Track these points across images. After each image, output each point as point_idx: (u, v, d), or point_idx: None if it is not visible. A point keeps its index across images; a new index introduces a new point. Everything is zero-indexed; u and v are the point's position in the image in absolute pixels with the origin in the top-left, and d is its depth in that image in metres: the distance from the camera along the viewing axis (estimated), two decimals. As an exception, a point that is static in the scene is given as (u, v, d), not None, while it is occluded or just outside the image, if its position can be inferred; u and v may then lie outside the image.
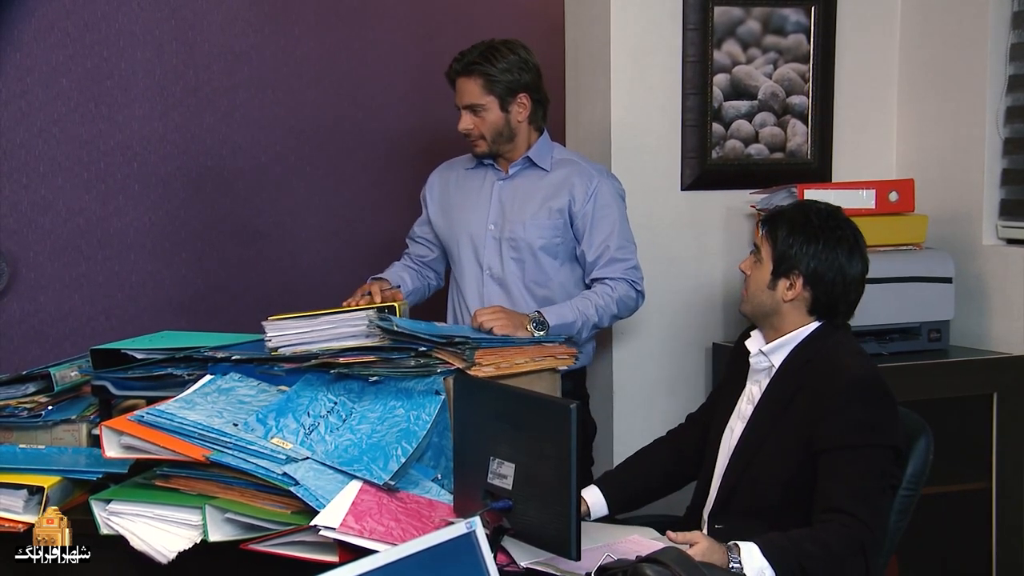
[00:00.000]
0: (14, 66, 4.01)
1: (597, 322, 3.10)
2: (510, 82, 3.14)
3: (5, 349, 4.06)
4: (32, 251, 4.10)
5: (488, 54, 3.14)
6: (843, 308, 2.48)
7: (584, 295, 3.13)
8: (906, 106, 3.93)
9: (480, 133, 3.18)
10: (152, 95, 4.21)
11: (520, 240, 3.19)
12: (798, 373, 2.43)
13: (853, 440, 2.28)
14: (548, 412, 2.02)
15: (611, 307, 3.12)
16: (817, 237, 2.44)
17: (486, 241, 3.24)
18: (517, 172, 3.25)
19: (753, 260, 2.54)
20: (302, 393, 2.43)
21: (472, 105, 3.16)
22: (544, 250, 3.18)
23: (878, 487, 2.27)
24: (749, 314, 2.57)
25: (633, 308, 3.22)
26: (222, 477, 2.20)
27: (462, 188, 3.35)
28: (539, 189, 3.21)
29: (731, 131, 3.79)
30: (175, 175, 4.24)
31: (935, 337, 3.51)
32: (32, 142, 4.06)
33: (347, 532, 2.02)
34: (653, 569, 1.88)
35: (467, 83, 3.16)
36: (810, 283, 2.44)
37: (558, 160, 3.25)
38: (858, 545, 2.19)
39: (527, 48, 3.21)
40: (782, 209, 2.56)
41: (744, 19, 3.75)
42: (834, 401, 2.32)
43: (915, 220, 3.60)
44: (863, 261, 2.47)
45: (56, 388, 2.60)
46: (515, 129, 3.19)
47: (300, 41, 4.33)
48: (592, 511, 2.60)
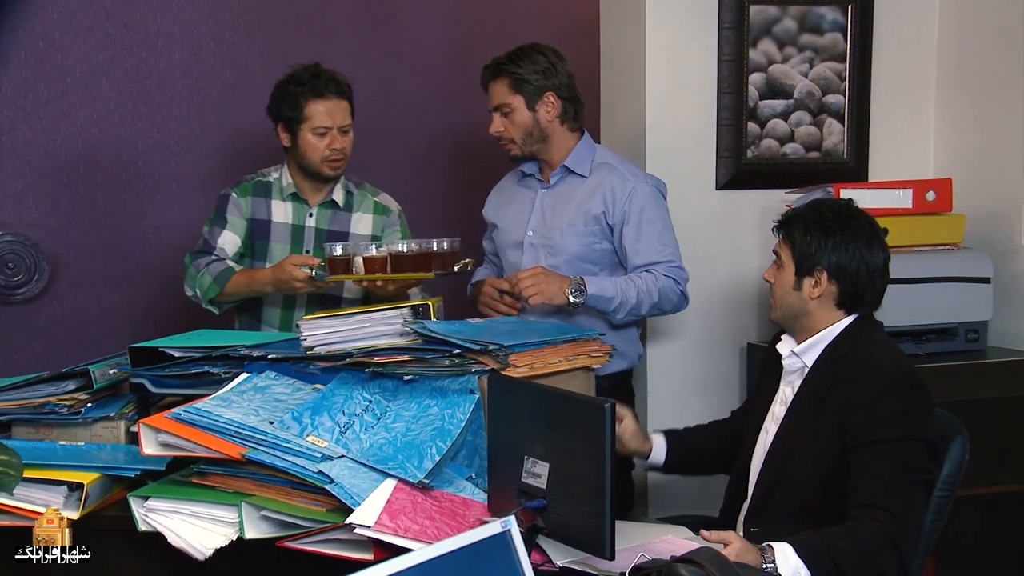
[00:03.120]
0: (55, 67, 4.06)
1: (635, 305, 3.09)
2: (536, 82, 3.17)
3: (45, 347, 4.11)
4: (72, 250, 4.15)
5: (515, 56, 3.20)
6: (870, 297, 2.48)
7: (629, 276, 3.13)
8: (944, 105, 3.90)
9: (511, 136, 3.21)
10: (190, 95, 4.25)
11: (558, 247, 3.20)
12: (831, 370, 2.42)
13: (885, 434, 2.27)
14: (583, 411, 2.02)
15: (653, 294, 3.11)
16: (833, 231, 2.45)
17: (525, 248, 3.27)
18: (558, 181, 3.27)
19: (776, 267, 2.54)
20: (337, 391, 2.44)
21: (500, 106, 3.20)
22: (581, 257, 3.19)
23: (910, 481, 2.26)
24: (780, 320, 2.57)
25: (676, 305, 3.20)
26: (258, 475, 2.22)
27: (511, 201, 3.39)
28: (576, 196, 3.22)
29: (767, 130, 3.77)
30: (212, 174, 4.27)
31: (972, 338, 3.48)
32: (72, 142, 4.11)
33: (382, 530, 2.03)
34: (688, 569, 1.87)
35: (495, 85, 3.21)
36: (834, 277, 2.45)
37: (597, 164, 3.24)
38: (890, 540, 2.18)
39: (558, 52, 3.24)
40: (795, 211, 2.57)
41: (780, 18, 3.73)
42: (867, 395, 2.32)
43: (952, 220, 3.57)
44: (883, 249, 2.48)
45: (95, 385, 2.62)
46: (546, 129, 3.20)
47: (335, 42, 4.35)
48: (653, 455, 2.68)
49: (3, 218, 4.06)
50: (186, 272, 3.32)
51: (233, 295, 3.28)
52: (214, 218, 3.37)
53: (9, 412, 2.58)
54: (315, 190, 3.37)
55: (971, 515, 3.24)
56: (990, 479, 3.34)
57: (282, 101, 3.28)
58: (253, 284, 3.22)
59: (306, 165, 3.30)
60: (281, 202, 3.37)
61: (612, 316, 3.11)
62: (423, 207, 4.45)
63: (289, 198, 3.37)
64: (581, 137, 3.27)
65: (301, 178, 3.36)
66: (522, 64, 3.17)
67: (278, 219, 3.37)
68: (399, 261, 2.97)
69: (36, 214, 4.09)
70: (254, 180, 3.40)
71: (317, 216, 3.37)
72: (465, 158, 4.53)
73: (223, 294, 3.26)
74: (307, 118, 3.25)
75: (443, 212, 4.42)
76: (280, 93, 3.30)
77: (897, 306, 3.32)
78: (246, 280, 3.24)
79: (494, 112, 3.23)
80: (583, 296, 3.02)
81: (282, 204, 3.37)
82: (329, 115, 3.25)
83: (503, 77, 3.19)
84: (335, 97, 3.27)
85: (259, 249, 3.37)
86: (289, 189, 3.37)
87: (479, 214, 3.52)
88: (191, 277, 3.29)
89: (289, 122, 3.27)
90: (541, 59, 3.18)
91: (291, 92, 3.27)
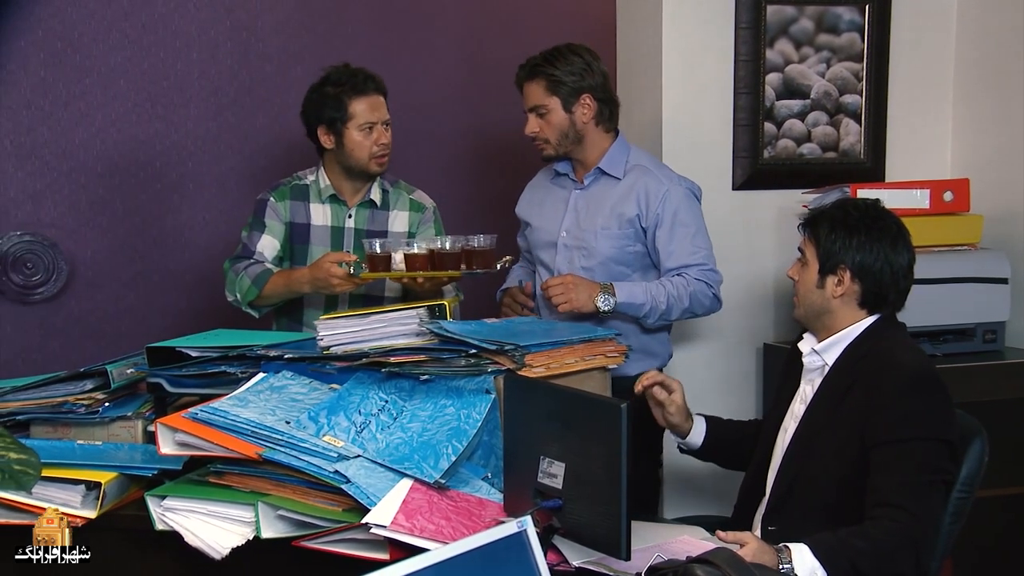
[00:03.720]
0: (73, 67, 4.08)
1: (665, 311, 3.09)
2: (573, 83, 3.14)
3: (63, 346, 4.13)
4: (90, 250, 4.16)
5: (551, 57, 3.16)
6: (893, 298, 2.47)
7: (660, 281, 3.12)
8: (961, 105, 3.89)
9: (546, 136, 3.19)
10: (207, 96, 4.26)
11: (591, 249, 3.19)
12: (852, 369, 2.42)
13: (903, 433, 2.26)
14: (598, 411, 2.02)
15: (683, 299, 3.10)
16: (859, 230, 2.44)
17: (559, 249, 3.27)
18: (592, 182, 3.25)
19: (800, 265, 2.54)
20: (353, 391, 2.45)
21: (536, 107, 3.17)
22: (615, 259, 3.18)
23: (929, 481, 2.25)
24: (802, 318, 2.56)
25: (708, 308, 3.19)
26: (274, 474, 2.22)
27: (545, 200, 3.38)
28: (610, 198, 3.20)
29: (783, 130, 3.76)
30: (229, 175, 4.28)
31: (990, 338, 3.47)
32: (90, 142, 4.12)
33: (398, 530, 2.03)
34: (704, 570, 1.87)
35: (531, 86, 3.18)
36: (858, 276, 2.44)
37: (632, 166, 3.22)
38: (908, 539, 2.17)
39: (593, 52, 3.21)
40: (821, 209, 2.56)
41: (797, 18, 3.73)
42: (886, 395, 2.31)
43: (970, 220, 3.56)
44: (908, 250, 2.47)
45: (113, 385, 2.63)
46: (581, 131, 3.19)
47: (352, 42, 4.35)
48: (692, 435, 2.67)
49: (22, 218, 4.08)
50: (226, 277, 3.32)
51: (272, 297, 3.28)
52: (252, 223, 3.37)
53: (27, 411, 2.59)
54: (355, 190, 3.38)
55: (990, 516, 3.23)
56: (1009, 480, 3.33)
57: (322, 103, 3.28)
58: (291, 284, 3.22)
59: (353, 164, 3.30)
60: (320, 204, 3.38)
61: (643, 321, 3.11)
62: (449, 206, 4.46)
63: (328, 200, 3.37)
64: (615, 138, 3.26)
65: (342, 179, 3.36)
66: (558, 65, 3.14)
67: (317, 222, 3.37)
68: (440, 258, 2.97)
69: (54, 214, 4.11)
70: (291, 184, 3.40)
71: (356, 217, 3.38)
72: (488, 156, 4.52)
73: (262, 296, 3.26)
74: (352, 116, 3.25)
75: (471, 211, 4.42)
76: (318, 96, 3.29)
77: (915, 307, 3.30)
78: (284, 281, 3.24)
79: (529, 112, 3.20)
80: (612, 303, 3.02)
81: (321, 207, 3.38)
82: (373, 110, 3.27)
83: (539, 78, 3.16)
84: (375, 93, 3.29)
85: (299, 252, 3.37)
86: (328, 191, 3.37)
87: (508, 212, 3.51)
88: (231, 282, 3.30)
89: (332, 123, 3.27)
90: (577, 60, 3.15)
91: (331, 93, 3.26)
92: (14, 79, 4.03)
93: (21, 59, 4.03)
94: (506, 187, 3.56)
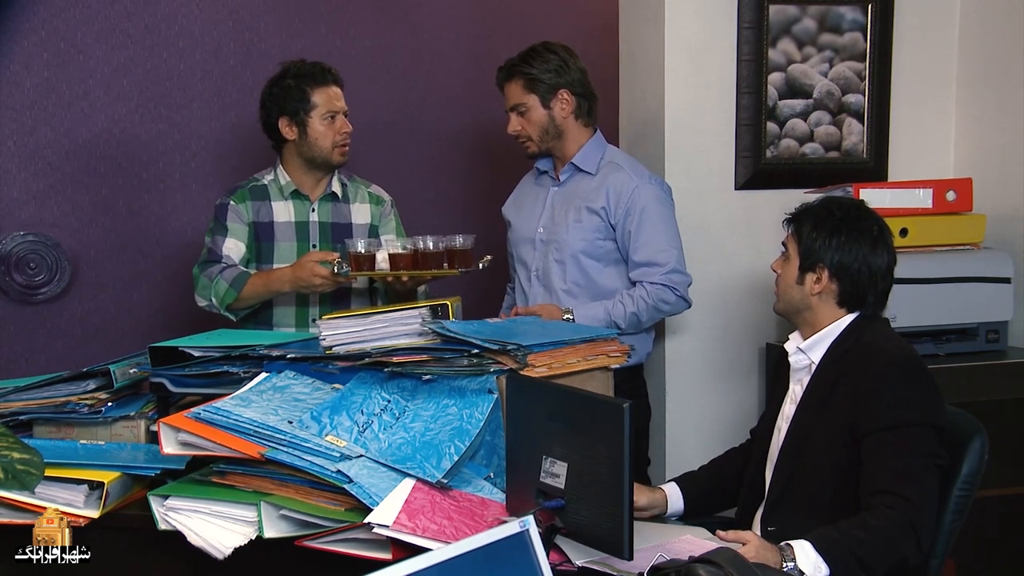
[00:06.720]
0: (76, 68, 4.08)
1: (624, 328, 3.16)
2: (550, 80, 3.25)
3: (66, 346, 4.13)
4: (92, 250, 4.16)
5: (527, 56, 3.28)
6: (872, 299, 2.49)
7: (620, 299, 3.20)
8: (964, 104, 3.89)
9: (528, 133, 3.31)
10: (210, 95, 4.26)
11: (563, 243, 3.27)
12: (837, 364, 2.45)
13: (893, 420, 2.29)
14: (601, 411, 2.02)
15: (641, 315, 3.18)
16: (840, 230, 2.47)
17: (536, 244, 3.35)
18: (567, 178, 3.35)
19: (783, 259, 2.58)
20: (356, 391, 2.45)
21: (516, 106, 3.29)
22: (585, 253, 3.25)
23: (922, 465, 2.27)
24: (782, 311, 2.61)
25: (673, 310, 3.26)
26: (277, 474, 2.23)
27: (526, 198, 3.48)
28: (582, 193, 3.29)
29: (786, 130, 3.76)
30: (232, 175, 4.27)
31: (993, 338, 3.47)
32: (94, 142, 4.12)
33: (400, 530, 2.03)
34: (706, 569, 1.87)
35: (510, 86, 3.31)
36: (836, 275, 2.47)
37: (605, 163, 3.31)
38: (907, 524, 2.19)
39: (568, 49, 3.31)
40: (807, 206, 2.60)
41: (800, 17, 3.73)
42: (872, 383, 2.34)
43: (973, 220, 3.56)
44: (889, 252, 2.49)
45: (115, 385, 2.63)
46: (561, 126, 3.29)
47: (355, 41, 4.36)
48: (669, 506, 2.61)
49: (25, 218, 4.08)
50: (196, 283, 3.34)
51: (250, 299, 3.30)
52: (214, 228, 3.40)
53: (30, 411, 2.59)
54: (316, 183, 3.42)
55: (991, 516, 3.23)
56: (1010, 480, 3.33)
57: (284, 95, 3.33)
58: (271, 284, 3.24)
59: (316, 154, 3.35)
60: (282, 201, 3.40)
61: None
62: (445, 206, 4.47)
63: (290, 196, 3.41)
64: (594, 134, 3.34)
65: (303, 173, 3.40)
66: (534, 64, 3.25)
67: (280, 219, 3.40)
68: (424, 257, 3.02)
69: (57, 214, 4.11)
70: (248, 185, 3.44)
71: (319, 210, 3.41)
72: (486, 157, 4.53)
73: (240, 299, 3.28)
74: (315, 105, 3.32)
75: (464, 211, 4.42)
76: (278, 89, 3.35)
77: (917, 306, 3.32)
78: (263, 281, 3.26)
79: (510, 112, 3.31)
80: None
81: (283, 203, 3.40)
82: (335, 100, 3.34)
83: (517, 78, 3.28)
84: (334, 84, 3.37)
85: (265, 251, 3.40)
86: (289, 187, 3.40)
87: (500, 212, 3.55)
88: (204, 287, 3.32)
89: (295, 113, 3.32)
90: (553, 57, 3.26)
91: (292, 85, 3.33)
92: (17, 80, 4.03)
93: (24, 60, 4.03)
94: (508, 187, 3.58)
